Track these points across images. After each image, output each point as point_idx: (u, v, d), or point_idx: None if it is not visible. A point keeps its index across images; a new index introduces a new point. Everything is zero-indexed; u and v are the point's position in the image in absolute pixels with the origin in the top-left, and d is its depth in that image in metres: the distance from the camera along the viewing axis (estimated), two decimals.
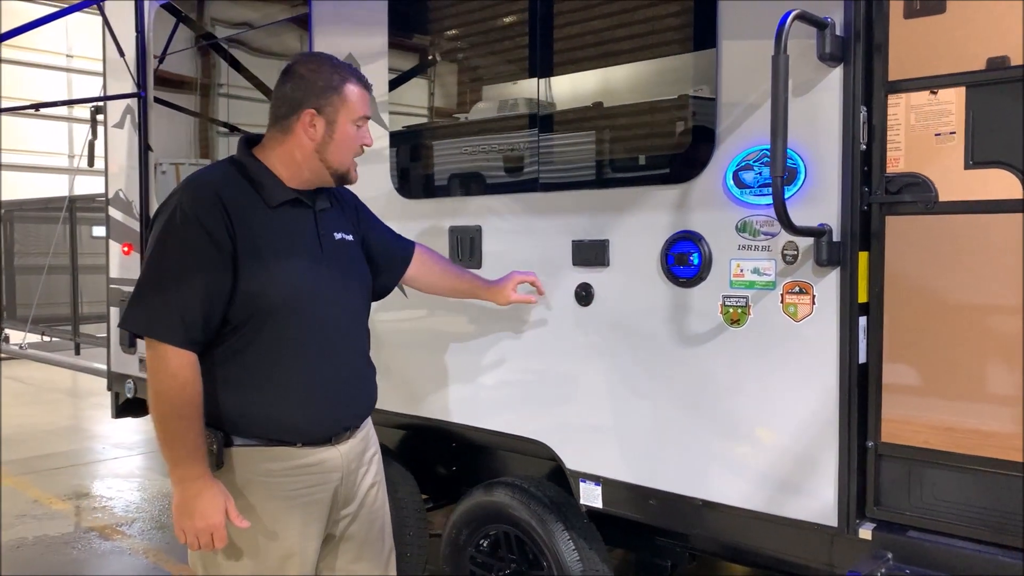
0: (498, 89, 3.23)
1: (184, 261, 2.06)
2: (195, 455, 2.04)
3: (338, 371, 2.26)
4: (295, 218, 2.23)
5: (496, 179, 3.16)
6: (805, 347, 2.36)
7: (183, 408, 2.03)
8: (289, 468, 2.18)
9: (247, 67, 4.54)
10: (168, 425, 2.03)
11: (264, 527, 2.17)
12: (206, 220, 2.06)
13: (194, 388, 2.05)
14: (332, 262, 2.27)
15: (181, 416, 2.03)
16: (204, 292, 2.05)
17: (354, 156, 2.27)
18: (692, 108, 2.65)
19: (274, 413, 2.15)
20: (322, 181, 2.26)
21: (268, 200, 2.18)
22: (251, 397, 2.14)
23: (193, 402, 2.04)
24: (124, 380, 4.98)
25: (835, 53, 2.24)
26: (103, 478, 6.28)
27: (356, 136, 2.23)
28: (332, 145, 2.20)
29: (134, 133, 4.89)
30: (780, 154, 2.08)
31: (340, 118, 2.19)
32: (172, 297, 2.04)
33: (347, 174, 2.27)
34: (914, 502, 2.27)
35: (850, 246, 2.27)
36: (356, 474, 2.36)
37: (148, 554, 4.65)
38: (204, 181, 2.17)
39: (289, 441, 2.18)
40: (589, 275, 2.83)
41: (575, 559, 2.97)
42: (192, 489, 2.04)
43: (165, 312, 2.04)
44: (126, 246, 4.98)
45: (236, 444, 2.14)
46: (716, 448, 2.56)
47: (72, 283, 7.61)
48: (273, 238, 2.15)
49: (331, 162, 2.21)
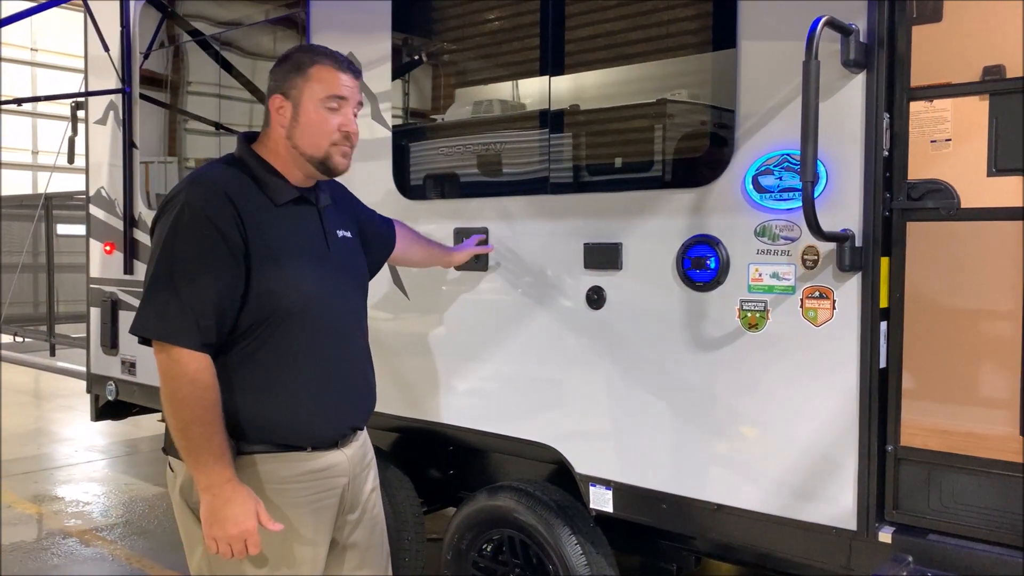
0: (507, 87, 3.21)
1: (196, 261, 1.98)
2: (221, 459, 1.97)
3: (346, 371, 2.23)
4: (302, 216, 2.16)
5: (504, 180, 3.14)
6: (825, 352, 2.37)
7: (205, 413, 1.96)
8: (300, 474, 2.14)
9: (236, 67, 4.47)
10: (191, 431, 1.96)
11: (283, 534, 2.11)
12: (217, 219, 1.99)
13: (214, 392, 1.99)
14: (337, 261, 2.22)
15: (204, 421, 1.96)
16: (217, 293, 1.98)
17: (331, 142, 2.10)
18: (710, 110, 2.65)
19: (285, 416, 2.10)
20: (309, 172, 2.16)
21: (274, 198, 2.11)
22: (261, 402, 2.08)
23: (214, 406, 1.98)
24: (105, 382, 4.86)
25: (859, 59, 2.25)
26: (77, 482, 6.13)
27: (327, 118, 2.09)
28: (299, 129, 2.09)
29: (118, 130, 4.78)
30: (811, 159, 2.08)
31: (304, 99, 2.08)
32: (186, 298, 1.96)
33: (326, 161, 2.12)
34: (934, 505, 2.29)
35: (872, 251, 2.28)
36: (360, 478, 2.33)
37: (131, 560, 4.54)
38: (210, 178, 2.07)
39: (299, 446, 2.13)
40: (601, 278, 2.82)
41: (582, 563, 2.95)
42: (222, 495, 1.96)
43: (180, 315, 1.95)
44: (108, 245, 4.87)
45: (246, 452, 2.08)
46: (732, 452, 2.56)
47: (48, 282, 7.42)
48: (284, 238, 2.09)
49: (302, 148, 2.10)
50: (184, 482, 2.10)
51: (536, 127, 3.02)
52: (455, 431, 3.28)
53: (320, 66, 2.09)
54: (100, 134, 4.98)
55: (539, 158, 3.00)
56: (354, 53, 3.47)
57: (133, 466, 6.60)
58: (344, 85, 2.10)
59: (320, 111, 2.08)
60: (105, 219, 4.91)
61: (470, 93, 3.45)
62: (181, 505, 2.13)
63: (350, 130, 2.12)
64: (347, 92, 2.11)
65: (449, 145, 3.38)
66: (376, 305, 3.46)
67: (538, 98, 3.02)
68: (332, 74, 2.09)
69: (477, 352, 3.16)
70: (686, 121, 2.81)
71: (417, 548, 3.57)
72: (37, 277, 7.86)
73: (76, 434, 7.62)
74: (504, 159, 3.20)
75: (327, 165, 2.13)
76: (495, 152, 3.22)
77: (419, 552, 3.58)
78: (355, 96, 2.14)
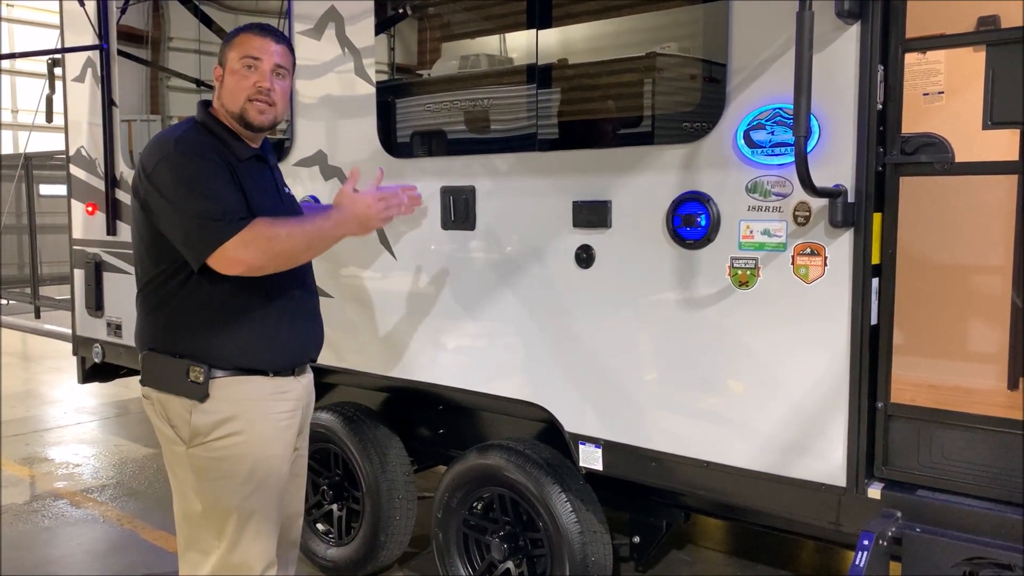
0: (494, 41, 3.14)
1: (207, 176, 2.22)
2: (332, 232, 2.35)
3: (302, 307, 2.49)
4: (260, 172, 2.43)
5: (491, 136, 3.08)
6: (816, 309, 2.35)
7: (295, 242, 2.25)
8: (267, 394, 2.38)
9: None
10: (305, 249, 2.32)
11: (260, 448, 2.35)
12: (207, 151, 2.26)
13: (282, 227, 2.23)
14: (288, 212, 2.49)
15: (298, 236, 2.26)
16: (225, 184, 2.23)
17: (247, 97, 2.33)
18: (701, 64, 2.60)
19: (248, 344, 2.34)
20: (240, 131, 2.37)
21: (237, 154, 2.35)
22: (229, 328, 2.32)
23: (292, 235, 2.25)
24: (91, 344, 4.82)
25: (853, 9, 2.20)
26: (68, 444, 6.11)
27: (243, 76, 2.32)
28: (224, 90, 2.36)
29: (96, 87, 4.67)
30: (804, 113, 2.04)
31: (228, 63, 2.36)
32: (207, 201, 2.19)
33: (244, 115, 2.34)
34: (923, 461, 2.29)
35: (864, 207, 2.25)
36: (310, 407, 2.62)
37: (122, 521, 4.54)
38: (181, 134, 2.31)
39: (261, 370, 2.37)
40: (590, 237, 2.78)
41: (572, 520, 2.97)
42: (345, 223, 2.37)
43: (212, 220, 2.17)
44: (90, 205, 4.79)
45: (219, 376, 2.31)
46: (722, 410, 2.56)
47: (31, 244, 7.32)
48: (252, 188, 2.33)
49: (228, 106, 2.35)
50: (159, 406, 2.36)
51: (523, 82, 2.96)
52: (444, 390, 3.27)
53: (243, 35, 2.36)
54: (78, 92, 4.87)
55: (527, 114, 2.95)
56: (335, 7, 3.38)
57: (123, 427, 6.59)
58: (258, 48, 2.33)
59: (237, 72, 2.34)
60: (86, 179, 4.83)
61: (456, 47, 3.38)
62: (162, 428, 2.38)
63: (263, 86, 2.33)
64: (260, 54, 2.33)
65: (435, 101, 3.31)
66: (363, 265, 3.43)
67: (525, 52, 2.95)
68: (249, 39, 2.35)
69: (465, 311, 3.14)
70: (676, 75, 2.76)
71: (408, 506, 3.58)
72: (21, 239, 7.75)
73: (65, 396, 7.60)
74: (491, 115, 3.14)
75: (245, 119, 2.35)
76: (482, 108, 3.16)
77: (410, 510, 3.60)
78: (272, 59, 2.35)
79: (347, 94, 3.40)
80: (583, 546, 2.95)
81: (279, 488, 2.45)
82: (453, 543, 3.30)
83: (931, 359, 2.29)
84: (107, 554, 4.16)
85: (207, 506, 2.35)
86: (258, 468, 2.36)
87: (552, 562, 3.00)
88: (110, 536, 4.37)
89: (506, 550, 3.14)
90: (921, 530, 2.23)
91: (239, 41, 2.35)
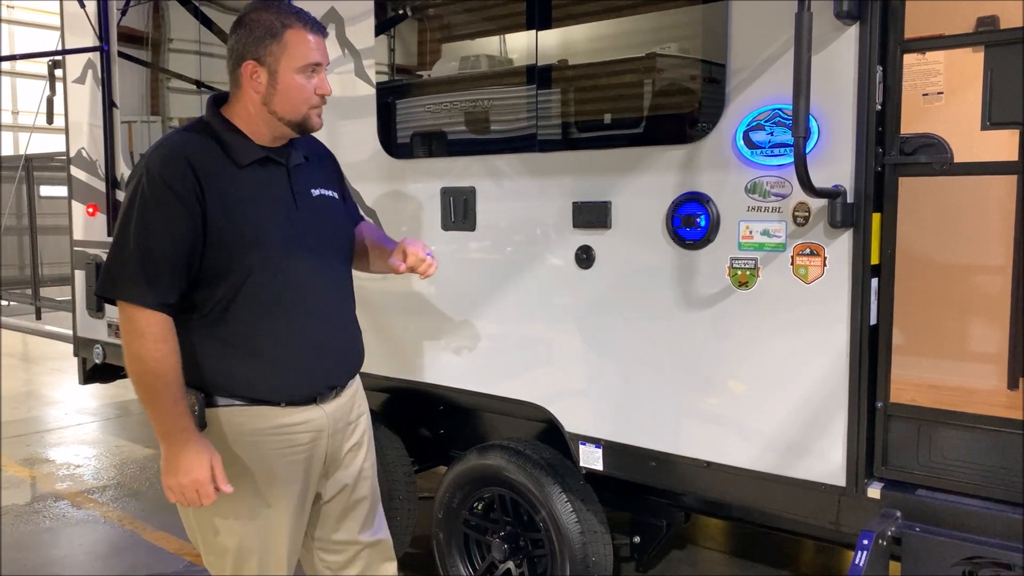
0: (495, 42, 3.14)
1: (153, 224, 2.03)
2: (174, 410, 2.03)
3: (320, 329, 2.22)
4: (267, 177, 2.17)
5: (492, 137, 3.09)
6: (815, 309, 2.36)
7: (159, 366, 2.02)
8: (267, 428, 2.17)
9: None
10: (143, 382, 2.04)
11: (256, 487, 2.17)
12: (173, 182, 2.02)
13: (166, 345, 2.03)
14: (309, 219, 2.21)
15: (158, 373, 2.02)
16: (175, 254, 2.03)
17: (309, 106, 2.13)
18: (701, 64, 2.60)
19: (255, 375, 2.14)
20: (283, 133, 2.17)
21: (237, 160, 2.12)
22: (232, 360, 2.12)
23: (166, 360, 2.03)
24: (92, 345, 4.83)
25: (852, 10, 2.20)
26: (69, 445, 6.12)
27: (305, 85, 2.11)
28: (277, 96, 2.10)
29: (97, 89, 4.68)
30: (803, 113, 2.05)
31: (281, 67, 2.08)
32: (143, 259, 2.02)
33: (303, 122, 2.15)
34: (923, 461, 2.30)
35: (864, 207, 2.25)
36: (342, 434, 2.35)
37: (123, 522, 4.55)
38: (172, 143, 2.12)
39: (272, 401, 2.17)
40: (590, 237, 2.79)
41: (573, 521, 2.97)
42: (176, 444, 2.03)
43: (137, 275, 2.02)
44: (91, 207, 4.80)
45: (220, 405, 2.13)
46: (722, 410, 2.56)
47: (31, 245, 7.32)
48: (244, 199, 2.11)
49: (281, 114, 2.11)
50: None
51: (523, 83, 2.96)
52: (445, 391, 3.28)
53: (293, 31, 2.08)
54: (79, 93, 4.88)
55: (527, 115, 2.95)
56: (335, 9, 3.39)
57: (124, 428, 6.60)
58: (315, 50, 2.12)
59: (298, 78, 2.10)
60: (87, 181, 4.84)
61: (456, 48, 3.38)
62: None
63: (326, 92, 2.16)
64: (322, 57, 2.14)
65: (435, 102, 3.31)
66: None
67: (525, 53, 2.96)
68: (306, 40, 2.10)
69: (466, 312, 3.14)
70: (676, 76, 2.76)
71: (409, 507, 3.59)
72: (22, 240, 7.76)
73: (66, 397, 7.61)
74: (492, 116, 3.15)
75: (304, 126, 2.17)
76: (482, 109, 3.16)
77: (411, 511, 3.60)
78: (327, 58, 2.17)
79: (347, 95, 3.40)
80: (584, 546, 2.95)
81: (285, 527, 2.24)
82: (454, 543, 3.31)
83: (931, 359, 2.30)
84: (108, 555, 4.16)
85: (208, 545, 2.24)
86: (258, 511, 2.19)
87: (553, 562, 3.01)
88: (111, 537, 4.37)
89: (507, 550, 3.14)
90: (921, 530, 2.23)
91: (293, 40, 2.08)
